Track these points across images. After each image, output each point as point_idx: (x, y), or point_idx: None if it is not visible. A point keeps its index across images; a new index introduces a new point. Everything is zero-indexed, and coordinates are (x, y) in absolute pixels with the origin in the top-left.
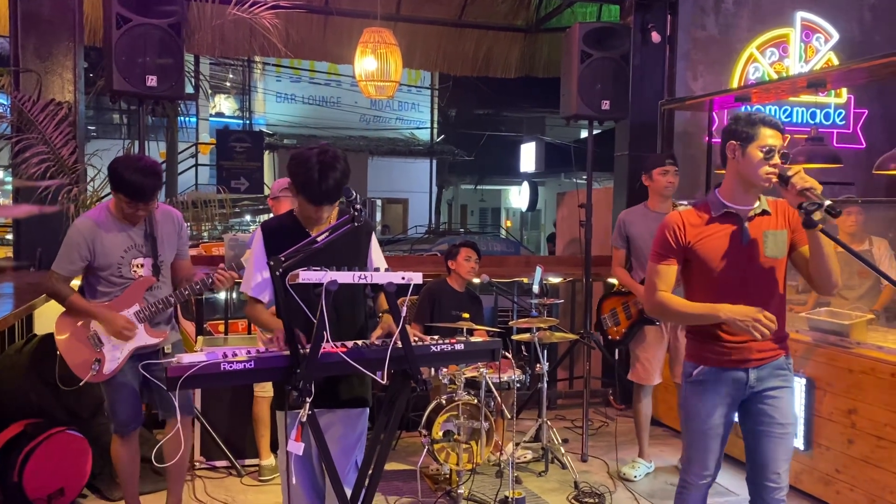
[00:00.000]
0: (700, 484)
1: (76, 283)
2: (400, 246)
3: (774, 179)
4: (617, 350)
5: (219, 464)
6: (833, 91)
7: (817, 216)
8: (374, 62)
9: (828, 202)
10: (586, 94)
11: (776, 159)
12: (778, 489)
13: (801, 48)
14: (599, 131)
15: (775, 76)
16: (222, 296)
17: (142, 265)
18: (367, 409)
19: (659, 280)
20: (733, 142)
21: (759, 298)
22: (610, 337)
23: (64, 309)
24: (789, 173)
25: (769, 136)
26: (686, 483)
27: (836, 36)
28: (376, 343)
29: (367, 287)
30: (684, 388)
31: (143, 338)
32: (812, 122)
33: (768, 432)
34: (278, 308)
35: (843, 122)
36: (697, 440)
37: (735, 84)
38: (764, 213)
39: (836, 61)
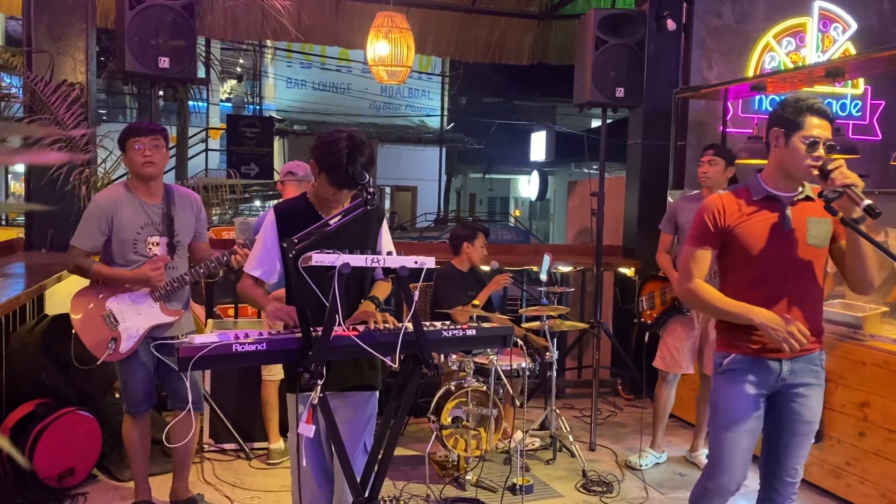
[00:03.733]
0: (724, 493)
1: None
2: (408, 234)
3: (815, 172)
4: (647, 334)
5: (227, 446)
6: (850, 82)
7: (856, 213)
8: (386, 47)
9: (867, 202)
10: (600, 81)
11: (820, 151)
12: (794, 483)
13: (819, 38)
14: (611, 121)
15: (791, 66)
16: (232, 279)
17: (157, 243)
18: (377, 393)
19: (695, 266)
20: (777, 128)
21: (799, 288)
22: (643, 319)
23: (76, 290)
24: (830, 167)
25: (815, 126)
26: (706, 490)
27: (854, 26)
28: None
29: (374, 271)
30: (715, 381)
31: (158, 316)
32: None
33: (795, 430)
34: (289, 290)
35: (860, 114)
36: (727, 437)
37: (751, 73)
38: (808, 199)
39: (853, 52)
